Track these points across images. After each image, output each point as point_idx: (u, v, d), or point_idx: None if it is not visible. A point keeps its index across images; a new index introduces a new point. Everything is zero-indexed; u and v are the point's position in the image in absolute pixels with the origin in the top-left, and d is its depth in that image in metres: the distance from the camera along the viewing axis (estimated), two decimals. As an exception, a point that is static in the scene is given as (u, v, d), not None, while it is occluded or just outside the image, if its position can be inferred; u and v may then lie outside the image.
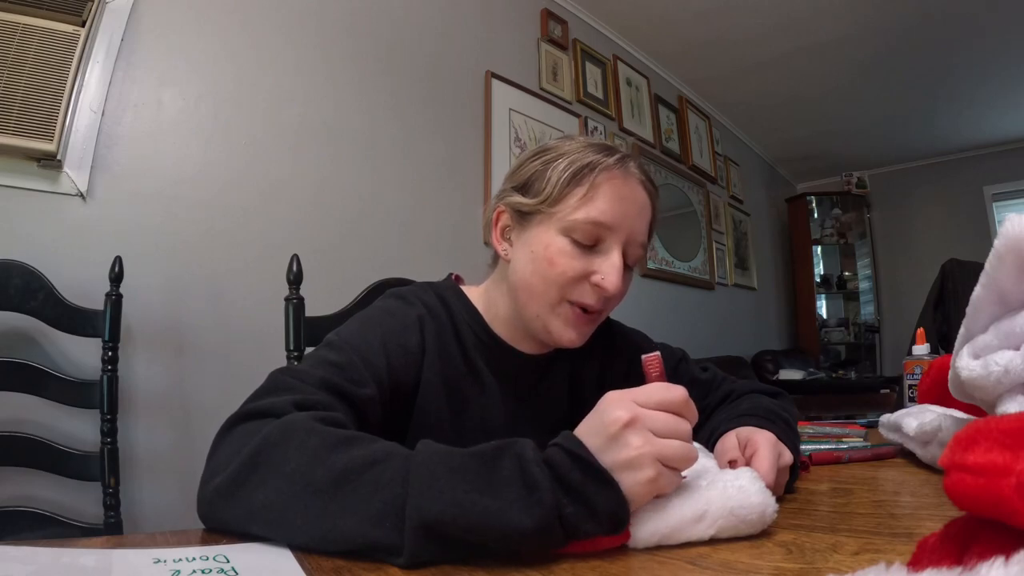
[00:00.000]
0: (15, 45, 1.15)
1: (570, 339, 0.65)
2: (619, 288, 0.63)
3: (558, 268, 0.62)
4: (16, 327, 1.15)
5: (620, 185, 0.63)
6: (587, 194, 0.62)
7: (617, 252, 0.63)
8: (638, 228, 0.65)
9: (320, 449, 0.42)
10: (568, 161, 0.63)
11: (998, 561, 0.18)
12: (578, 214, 0.62)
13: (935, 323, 2.19)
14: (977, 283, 0.43)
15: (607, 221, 0.62)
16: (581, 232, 0.62)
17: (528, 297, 0.65)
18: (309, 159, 1.65)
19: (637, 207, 0.65)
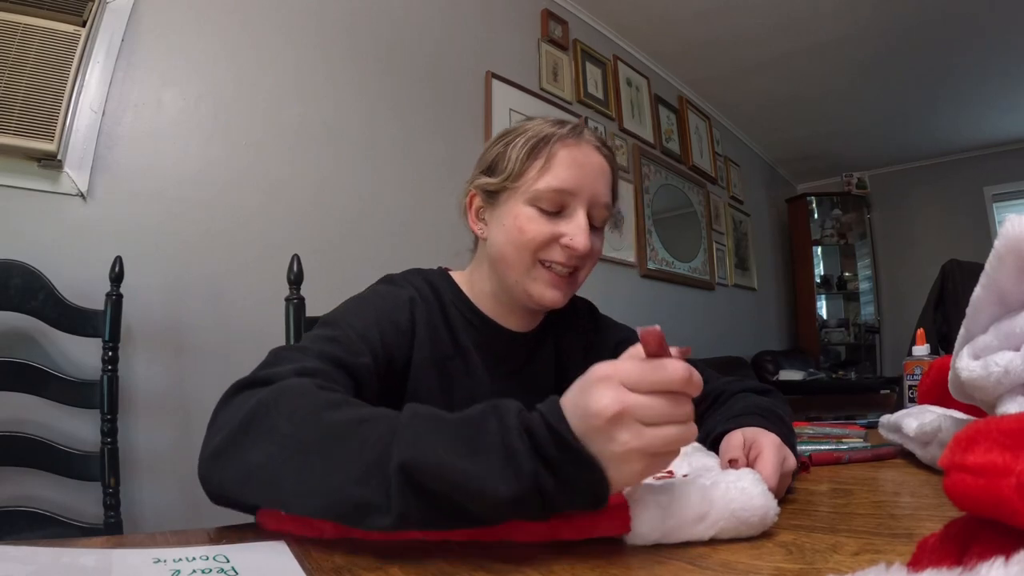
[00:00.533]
0: (16, 45, 1.15)
1: (551, 298, 0.68)
2: (587, 246, 0.66)
3: (528, 234, 0.66)
4: (16, 327, 1.15)
5: (575, 152, 0.68)
6: (545, 165, 0.67)
7: (582, 213, 0.67)
8: (599, 190, 0.69)
9: (311, 411, 0.42)
10: (525, 138, 0.68)
11: (998, 561, 0.18)
12: (540, 184, 0.66)
13: (935, 324, 2.19)
14: (977, 284, 0.43)
15: (567, 187, 0.66)
16: (545, 200, 0.66)
17: (506, 266, 0.69)
18: (309, 159, 1.65)
19: (594, 170, 0.69)
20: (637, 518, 0.39)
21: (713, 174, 3.66)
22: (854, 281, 4.73)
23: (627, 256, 2.78)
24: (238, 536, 0.45)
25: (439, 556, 0.40)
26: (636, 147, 2.97)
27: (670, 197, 3.20)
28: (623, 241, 2.78)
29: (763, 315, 4.19)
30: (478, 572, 0.36)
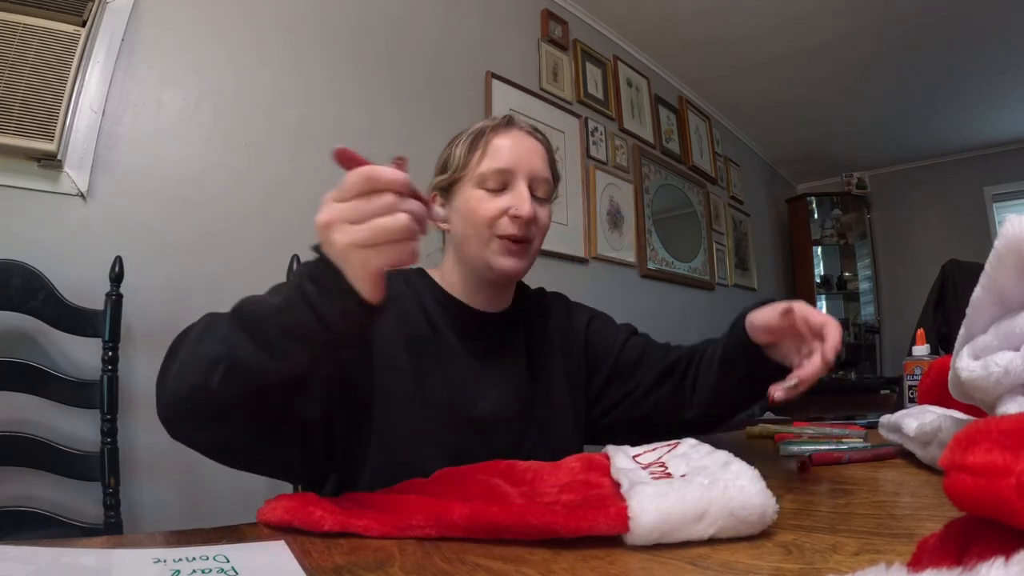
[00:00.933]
0: (15, 45, 1.15)
1: (509, 266, 0.76)
2: (530, 211, 0.74)
3: (479, 212, 0.75)
4: (16, 327, 1.15)
5: (508, 138, 0.78)
6: (483, 152, 0.77)
7: (522, 185, 0.75)
8: (535, 165, 0.77)
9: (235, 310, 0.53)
10: (465, 136, 0.80)
11: (998, 561, 0.18)
12: (482, 167, 0.76)
13: (935, 324, 2.20)
14: (977, 284, 0.43)
15: (505, 165, 0.75)
16: (489, 180, 0.75)
17: (467, 245, 0.77)
18: (310, 159, 1.65)
19: (528, 149, 0.78)
20: (636, 517, 0.39)
21: (713, 174, 3.66)
22: (854, 281, 4.73)
23: (627, 256, 2.78)
24: (238, 536, 0.45)
25: (439, 556, 0.40)
26: (636, 147, 2.97)
27: (670, 197, 3.20)
28: (623, 241, 2.78)
29: (763, 315, 4.19)
30: (478, 572, 0.36)
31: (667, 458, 0.55)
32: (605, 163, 2.74)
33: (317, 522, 0.45)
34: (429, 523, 0.44)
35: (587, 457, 0.61)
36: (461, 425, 0.74)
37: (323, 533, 0.45)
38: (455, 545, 0.42)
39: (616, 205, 2.76)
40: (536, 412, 0.81)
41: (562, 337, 0.89)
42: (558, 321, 0.90)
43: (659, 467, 0.52)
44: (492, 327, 0.82)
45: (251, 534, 0.46)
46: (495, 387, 0.78)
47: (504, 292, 0.84)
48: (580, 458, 0.61)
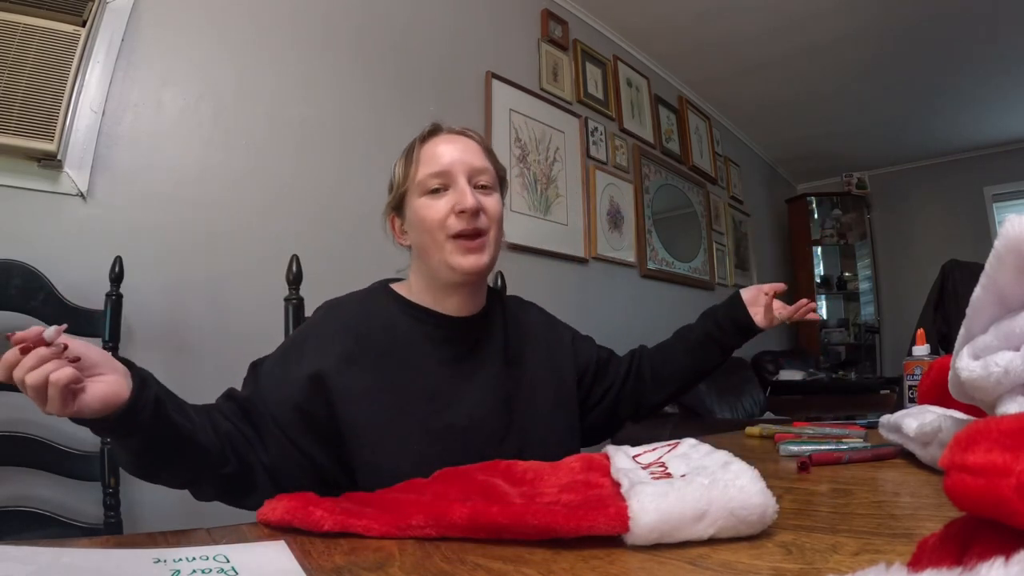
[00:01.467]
0: (15, 45, 1.15)
1: (470, 264, 0.76)
2: (473, 203, 0.75)
3: (429, 217, 0.76)
4: (16, 327, 1.14)
5: (437, 143, 0.80)
6: (417, 162, 0.79)
7: (462, 180, 0.77)
8: (470, 159, 0.79)
9: None
10: (401, 153, 0.83)
11: (998, 561, 0.18)
12: (419, 175, 0.78)
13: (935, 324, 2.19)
14: (977, 284, 0.42)
15: (439, 168, 0.77)
16: (429, 184, 0.77)
17: (427, 253, 0.78)
18: (309, 159, 1.65)
19: (460, 147, 0.80)
20: (636, 518, 0.39)
21: (713, 174, 3.66)
22: (854, 281, 4.73)
23: (627, 256, 2.78)
24: (238, 536, 0.45)
25: (439, 556, 0.40)
26: (636, 147, 2.97)
27: (670, 197, 3.20)
28: (623, 241, 2.78)
29: (763, 315, 4.19)
30: (478, 572, 0.36)
31: (667, 458, 0.55)
32: (605, 163, 2.74)
33: (317, 522, 0.45)
34: (429, 523, 0.44)
35: (587, 457, 0.61)
36: (440, 433, 0.74)
37: (323, 533, 0.45)
38: (455, 545, 0.42)
39: (616, 205, 2.76)
40: (516, 416, 0.80)
41: (548, 347, 0.90)
42: (542, 330, 0.92)
43: (659, 467, 0.52)
44: (465, 332, 0.82)
45: (251, 534, 0.46)
46: (471, 391, 0.78)
47: (474, 295, 0.83)
48: (580, 458, 0.61)
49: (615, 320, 2.63)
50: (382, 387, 0.74)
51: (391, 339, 0.77)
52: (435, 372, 0.77)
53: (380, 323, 0.79)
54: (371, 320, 0.79)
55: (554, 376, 0.88)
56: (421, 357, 0.78)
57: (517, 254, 2.18)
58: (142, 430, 0.56)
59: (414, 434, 0.73)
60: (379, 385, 0.74)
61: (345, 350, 0.74)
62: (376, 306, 0.81)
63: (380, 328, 0.78)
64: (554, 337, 0.92)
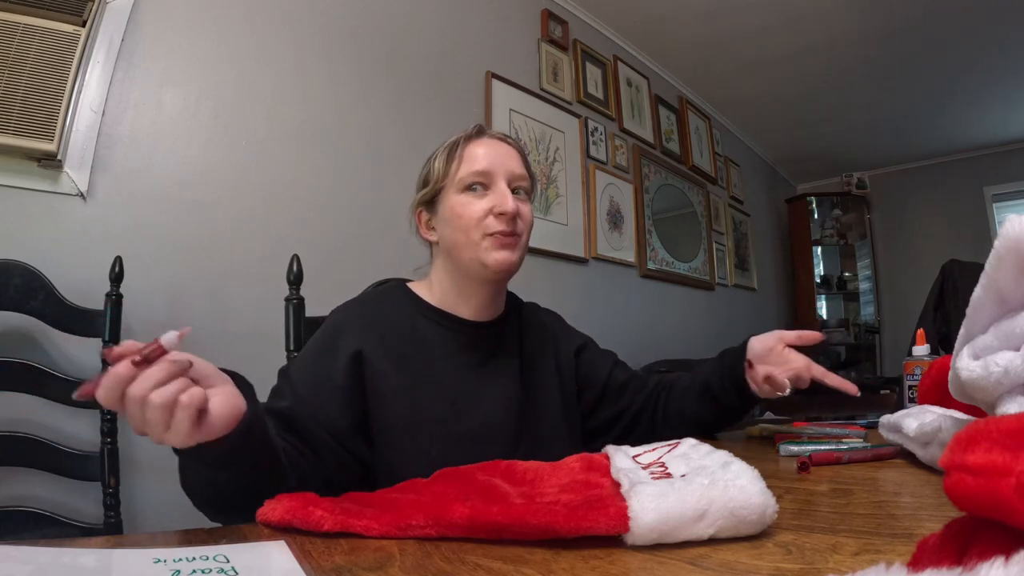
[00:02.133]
0: (15, 45, 1.15)
1: (504, 259, 0.77)
2: (513, 206, 0.76)
3: (466, 216, 0.77)
4: (16, 327, 1.15)
5: (482, 145, 0.81)
6: (460, 160, 0.80)
7: (502, 183, 0.78)
8: (511, 166, 0.80)
9: None
10: (441, 150, 0.83)
11: (998, 561, 0.18)
12: (461, 173, 0.79)
13: (935, 324, 2.20)
14: (977, 284, 0.43)
15: (482, 167, 0.78)
16: (470, 183, 0.78)
17: (458, 250, 0.79)
18: (310, 159, 1.65)
19: (503, 152, 0.81)
20: (636, 517, 0.39)
21: (713, 174, 3.66)
22: (854, 281, 4.73)
23: (627, 256, 2.78)
24: (238, 536, 0.45)
25: (439, 556, 0.40)
26: (636, 147, 2.97)
27: (670, 197, 3.20)
28: (623, 241, 2.78)
29: (763, 315, 4.19)
30: (478, 572, 0.36)
31: (667, 458, 0.55)
32: (605, 163, 2.74)
33: (317, 522, 0.45)
34: (429, 523, 0.44)
35: (587, 457, 0.61)
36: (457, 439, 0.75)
37: (323, 533, 0.45)
38: (455, 545, 0.42)
39: (616, 205, 2.76)
40: (529, 423, 0.81)
41: (557, 356, 0.91)
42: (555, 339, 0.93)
43: (659, 467, 0.52)
44: (484, 337, 0.82)
45: (251, 534, 0.46)
46: (488, 398, 0.79)
47: (497, 296, 0.84)
48: (580, 458, 0.61)
49: (615, 320, 2.63)
50: (402, 389, 0.74)
51: (412, 341, 0.78)
52: (454, 377, 0.78)
53: (401, 324, 0.79)
54: (392, 320, 0.79)
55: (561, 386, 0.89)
56: (441, 361, 0.78)
57: (517, 254, 2.18)
58: (253, 452, 0.51)
59: (430, 439, 0.73)
60: (400, 386, 0.74)
61: (375, 349, 0.75)
62: (395, 307, 0.81)
63: (401, 329, 0.78)
64: (565, 348, 0.92)
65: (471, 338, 0.81)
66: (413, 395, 0.74)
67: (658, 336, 2.92)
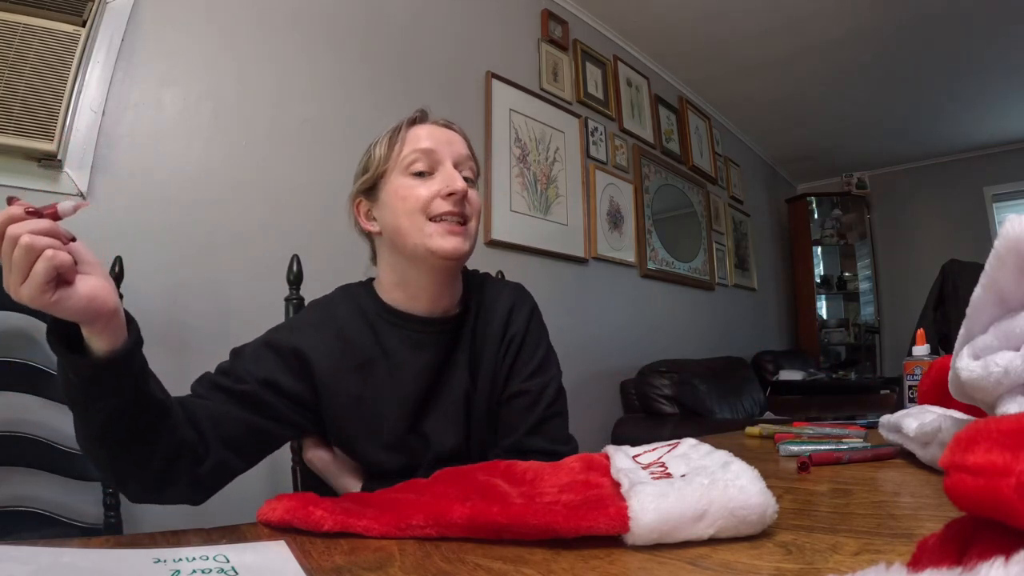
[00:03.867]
0: (15, 45, 1.15)
1: (452, 245, 0.72)
2: (463, 186, 0.73)
3: (411, 198, 0.73)
4: (16, 327, 1.15)
5: (424, 128, 0.78)
6: (403, 142, 0.76)
7: (449, 164, 0.75)
8: (456, 150, 0.77)
9: None
10: (382, 136, 0.79)
11: (998, 561, 0.18)
12: (404, 152, 0.75)
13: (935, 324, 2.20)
14: (977, 284, 0.43)
15: (428, 146, 0.75)
16: (416, 163, 0.74)
17: (402, 237, 0.74)
18: (310, 159, 1.65)
19: (446, 136, 0.78)
20: (636, 517, 0.39)
21: (713, 174, 3.66)
22: (854, 281, 4.73)
23: (627, 256, 2.78)
24: (238, 536, 0.45)
25: (439, 556, 0.40)
26: (636, 147, 2.97)
27: (670, 197, 3.20)
28: (623, 241, 2.78)
29: (763, 315, 4.19)
30: (478, 572, 0.36)
31: (667, 458, 0.55)
32: (605, 163, 2.74)
33: (317, 522, 0.45)
34: (429, 523, 0.44)
35: (587, 457, 0.61)
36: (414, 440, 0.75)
37: (323, 533, 0.45)
38: (455, 545, 0.42)
39: (616, 205, 2.76)
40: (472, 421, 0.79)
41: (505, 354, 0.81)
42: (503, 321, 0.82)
43: (659, 467, 0.52)
44: (438, 335, 0.78)
45: (251, 534, 0.46)
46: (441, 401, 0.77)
47: (449, 287, 0.79)
48: (580, 458, 0.61)
49: (615, 320, 2.63)
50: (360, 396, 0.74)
51: (371, 344, 0.76)
52: (411, 381, 0.76)
53: (360, 328, 0.77)
54: (352, 324, 0.77)
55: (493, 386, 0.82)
56: (398, 362, 0.76)
57: (517, 254, 2.18)
58: (129, 385, 0.52)
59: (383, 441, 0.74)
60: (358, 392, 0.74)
61: (329, 348, 0.74)
62: (356, 308, 0.79)
63: (360, 333, 0.77)
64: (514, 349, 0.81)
65: (428, 338, 0.78)
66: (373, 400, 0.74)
67: (658, 336, 2.92)
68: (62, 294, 0.47)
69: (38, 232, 0.46)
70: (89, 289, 0.48)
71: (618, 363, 2.60)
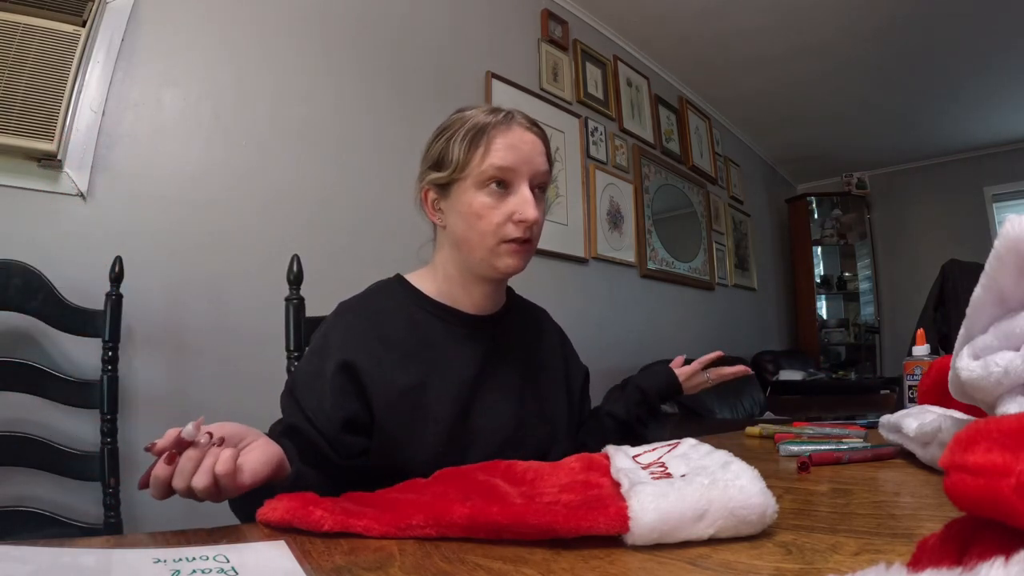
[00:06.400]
0: (15, 45, 1.15)
1: (515, 265, 0.76)
2: (535, 215, 0.74)
3: (484, 220, 0.74)
4: (16, 327, 1.15)
5: (509, 135, 0.75)
6: (485, 151, 0.74)
7: (525, 188, 0.74)
8: (536, 163, 0.76)
9: None
10: (464, 131, 0.76)
11: (998, 561, 0.18)
12: (484, 167, 0.73)
13: (935, 324, 2.20)
14: (977, 284, 0.42)
15: (508, 165, 0.73)
16: (491, 180, 0.74)
17: (469, 249, 0.76)
18: (310, 159, 1.65)
19: (529, 147, 0.76)
20: (636, 517, 0.39)
21: (713, 174, 3.66)
22: (854, 281, 4.73)
23: (627, 256, 2.78)
24: (238, 536, 0.45)
25: (439, 556, 0.40)
26: (636, 147, 2.97)
27: (670, 197, 3.20)
28: (623, 241, 2.78)
29: (763, 315, 4.19)
30: (478, 572, 0.36)
31: (667, 458, 0.55)
32: (605, 163, 2.74)
33: (317, 522, 0.45)
34: (429, 523, 0.44)
35: (587, 457, 0.61)
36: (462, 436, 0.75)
37: (323, 533, 0.45)
38: (455, 545, 0.42)
39: (616, 205, 2.76)
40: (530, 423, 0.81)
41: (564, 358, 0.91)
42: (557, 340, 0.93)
43: (659, 467, 0.52)
44: (487, 330, 0.81)
45: (251, 534, 0.46)
46: (492, 395, 0.78)
47: (499, 289, 0.83)
48: (580, 458, 0.61)
49: (615, 320, 2.63)
50: (407, 389, 0.73)
51: (415, 339, 0.76)
52: (459, 375, 0.76)
53: (402, 322, 0.77)
54: (393, 319, 0.77)
55: (566, 387, 0.89)
56: (445, 358, 0.76)
57: (517, 254, 2.18)
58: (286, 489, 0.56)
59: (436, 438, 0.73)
60: (405, 387, 0.73)
61: (370, 348, 0.73)
62: (395, 304, 0.79)
63: (403, 328, 0.76)
64: (575, 369, 0.93)
65: (474, 331, 0.80)
66: (420, 394, 0.73)
67: (658, 336, 2.92)
68: (249, 479, 0.52)
69: (194, 471, 0.49)
70: (260, 461, 0.53)
71: (618, 363, 2.60)
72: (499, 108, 0.79)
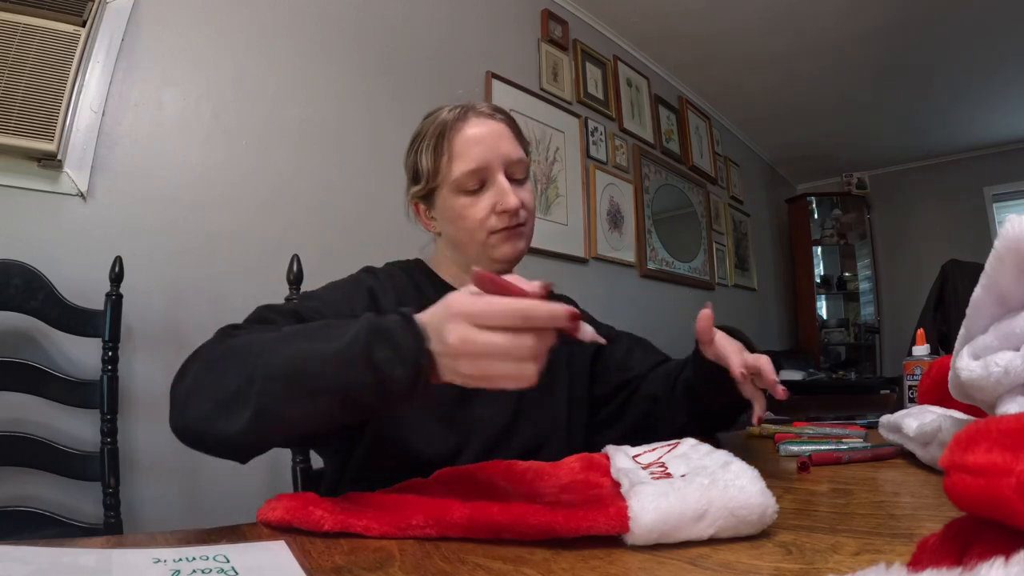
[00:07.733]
0: (15, 45, 1.15)
1: (511, 251, 0.77)
2: (515, 202, 0.74)
3: (467, 219, 0.75)
4: (16, 327, 1.15)
5: (469, 131, 0.75)
6: (450, 155, 0.75)
7: (501, 178, 0.75)
8: (505, 150, 0.76)
9: (278, 340, 0.49)
10: (426, 141, 0.77)
11: (998, 561, 0.18)
12: (454, 172, 0.74)
13: (935, 324, 2.20)
14: (977, 284, 0.43)
15: (476, 165, 0.74)
16: (465, 182, 0.74)
17: (464, 247, 0.78)
18: (310, 159, 1.65)
19: (493, 136, 0.76)
20: (636, 517, 0.39)
21: (713, 174, 3.66)
22: (854, 281, 4.73)
23: (627, 256, 2.78)
24: (238, 536, 0.45)
25: (439, 556, 0.40)
26: (636, 147, 2.97)
27: (670, 197, 3.20)
28: (623, 241, 2.78)
29: (763, 315, 4.19)
30: (478, 572, 0.36)
31: (667, 458, 0.55)
32: (605, 163, 2.74)
33: (317, 522, 0.45)
34: (429, 523, 0.44)
35: (587, 457, 0.61)
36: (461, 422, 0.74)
37: (323, 533, 0.45)
38: (455, 545, 0.42)
39: (616, 205, 2.76)
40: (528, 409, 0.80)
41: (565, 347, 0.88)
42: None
43: (659, 467, 0.52)
44: None
45: (251, 534, 0.46)
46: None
47: None
48: (580, 458, 0.61)
49: (615, 320, 2.62)
50: None
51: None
52: None
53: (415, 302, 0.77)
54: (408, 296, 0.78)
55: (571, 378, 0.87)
56: None
57: (517, 254, 2.18)
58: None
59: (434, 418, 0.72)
60: None
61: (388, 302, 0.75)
62: (412, 283, 0.80)
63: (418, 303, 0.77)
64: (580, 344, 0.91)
65: None
66: None
67: (658, 336, 2.90)
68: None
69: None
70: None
71: (618, 363, 2.60)
72: (460, 104, 0.79)
